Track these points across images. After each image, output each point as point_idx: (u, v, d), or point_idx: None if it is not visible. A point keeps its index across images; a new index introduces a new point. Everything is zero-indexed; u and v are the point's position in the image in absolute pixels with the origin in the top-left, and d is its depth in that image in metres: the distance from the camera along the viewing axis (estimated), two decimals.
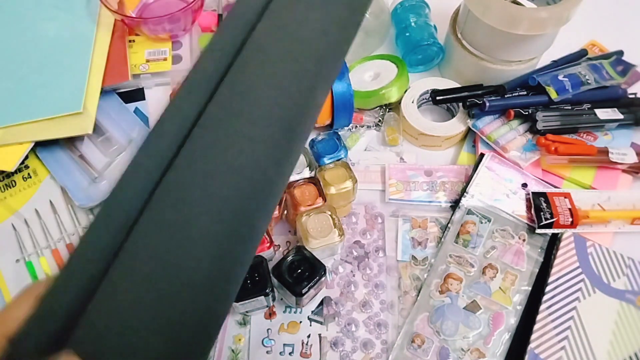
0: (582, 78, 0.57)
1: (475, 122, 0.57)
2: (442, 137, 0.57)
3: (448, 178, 0.55)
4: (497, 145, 0.56)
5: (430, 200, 0.54)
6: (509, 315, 0.47)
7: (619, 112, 0.56)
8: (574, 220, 0.50)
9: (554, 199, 0.51)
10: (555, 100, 0.55)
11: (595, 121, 0.56)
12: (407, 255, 0.51)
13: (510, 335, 0.46)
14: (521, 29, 0.51)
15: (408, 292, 0.49)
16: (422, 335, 0.46)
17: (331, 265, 0.51)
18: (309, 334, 0.47)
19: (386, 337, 0.47)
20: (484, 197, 0.53)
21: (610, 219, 0.52)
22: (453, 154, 0.59)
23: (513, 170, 0.55)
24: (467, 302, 0.48)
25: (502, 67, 0.58)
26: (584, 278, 0.48)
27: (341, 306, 0.49)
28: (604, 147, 0.54)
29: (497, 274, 0.49)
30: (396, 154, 0.58)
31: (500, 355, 0.45)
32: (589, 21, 0.65)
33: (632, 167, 0.54)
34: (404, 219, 0.53)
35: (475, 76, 0.59)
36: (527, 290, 0.48)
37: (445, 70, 0.64)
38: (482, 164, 0.55)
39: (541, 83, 0.55)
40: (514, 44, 0.55)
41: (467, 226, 0.51)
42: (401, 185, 0.55)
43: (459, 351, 0.45)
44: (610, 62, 0.59)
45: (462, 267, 0.49)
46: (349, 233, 0.53)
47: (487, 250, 0.50)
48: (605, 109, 0.57)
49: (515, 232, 0.51)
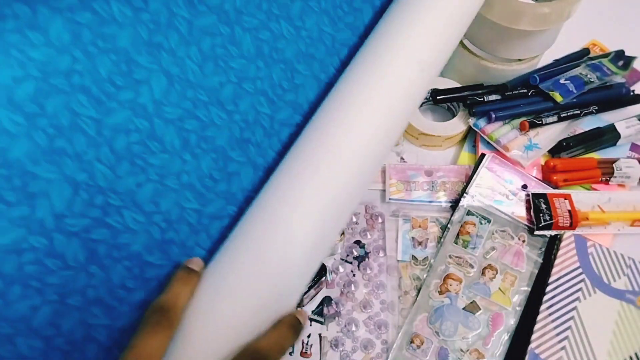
0: (585, 78, 0.56)
1: (477, 122, 0.57)
2: (442, 137, 0.57)
3: (448, 178, 0.55)
4: (498, 144, 0.56)
5: (431, 200, 0.54)
6: (509, 316, 0.47)
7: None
8: (573, 222, 0.50)
9: (554, 200, 0.51)
10: (561, 103, 0.55)
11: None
12: (407, 255, 0.51)
13: (510, 336, 0.46)
14: (523, 24, 0.51)
15: (408, 292, 0.49)
16: (421, 336, 0.46)
17: (331, 265, 0.51)
18: (309, 334, 0.48)
19: (386, 337, 0.47)
20: (483, 198, 0.53)
21: (610, 220, 0.51)
22: (453, 154, 0.59)
23: (513, 171, 0.55)
24: (466, 303, 0.48)
25: (502, 66, 0.58)
26: (585, 278, 0.48)
27: (341, 306, 0.49)
28: (608, 166, 0.55)
29: (496, 274, 0.49)
30: (396, 153, 0.58)
31: (500, 356, 0.45)
32: (590, 21, 0.65)
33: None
34: (404, 218, 0.53)
35: (475, 76, 0.59)
36: (526, 291, 0.48)
37: (446, 70, 0.64)
38: (483, 164, 0.55)
39: (544, 89, 0.55)
40: (515, 41, 0.55)
41: (467, 227, 0.51)
42: (401, 185, 0.55)
43: (458, 352, 0.45)
44: (610, 59, 0.59)
45: (461, 267, 0.49)
46: (349, 233, 0.53)
47: (487, 251, 0.50)
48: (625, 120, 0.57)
49: (515, 233, 0.51)
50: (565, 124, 0.57)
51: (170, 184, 0.35)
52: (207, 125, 0.37)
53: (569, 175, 0.54)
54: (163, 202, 0.34)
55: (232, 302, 0.34)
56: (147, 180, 0.33)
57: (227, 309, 0.33)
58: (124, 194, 0.32)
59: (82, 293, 0.31)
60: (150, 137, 0.33)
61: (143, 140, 0.33)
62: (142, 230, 0.33)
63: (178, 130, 0.35)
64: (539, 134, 0.56)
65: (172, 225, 0.35)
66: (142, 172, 0.33)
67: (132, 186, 0.32)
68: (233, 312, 0.33)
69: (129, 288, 0.33)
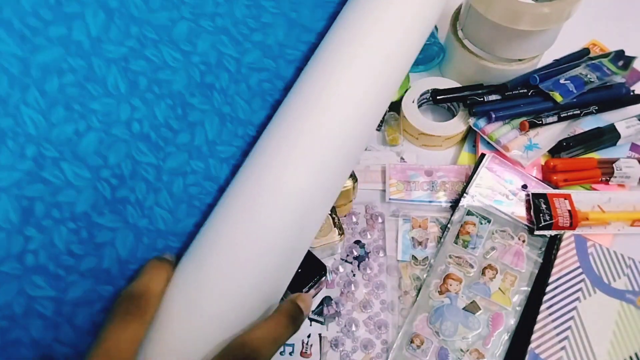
0: (585, 78, 0.56)
1: (477, 122, 0.57)
2: (442, 137, 0.57)
3: (448, 178, 0.55)
4: (498, 144, 0.56)
5: (431, 200, 0.54)
6: (509, 316, 0.47)
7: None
8: (573, 222, 0.50)
9: (554, 200, 0.51)
10: (561, 103, 0.55)
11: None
12: (407, 255, 0.51)
13: (510, 336, 0.46)
14: (523, 24, 0.51)
15: (408, 292, 0.49)
16: (421, 336, 0.46)
17: (331, 265, 0.51)
18: (309, 334, 0.48)
19: (386, 337, 0.47)
20: (483, 198, 0.53)
21: (610, 220, 0.51)
22: (453, 154, 0.59)
23: (513, 171, 0.55)
24: (466, 303, 0.48)
25: (502, 66, 0.58)
26: (585, 278, 0.48)
27: (341, 306, 0.49)
28: (608, 166, 0.54)
29: (496, 274, 0.49)
30: (396, 153, 0.58)
31: (499, 356, 0.45)
32: (590, 21, 0.65)
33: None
34: (405, 218, 0.53)
35: (476, 76, 0.59)
36: (526, 291, 0.48)
37: (446, 70, 0.64)
38: (483, 164, 0.55)
39: (544, 89, 0.55)
40: (515, 41, 0.55)
41: (467, 227, 0.51)
42: (401, 185, 0.55)
43: (458, 352, 0.45)
44: (610, 59, 0.59)
45: (461, 267, 0.49)
46: (349, 233, 0.53)
47: (487, 251, 0.50)
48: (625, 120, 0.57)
49: (515, 233, 0.51)
50: (565, 124, 0.57)
51: (117, 134, 0.30)
52: (158, 67, 0.32)
53: (569, 175, 0.54)
54: (111, 155, 0.30)
55: (214, 290, 0.30)
56: (88, 128, 0.29)
57: (208, 298, 0.30)
58: (60, 144, 0.28)
59: (19, 259, 0.27)
60: (88, 79, 0.29)
61: (79, 81, 0.29)
62: (87, 186, 0.29)
63: (122, 71, 0.31)
64: (539, 134, 0.56)
65: (125, 182, 0.31)
66: (82, 119, 0.29)
67: (71, 134, 0.28)
68: (216, 301, 0.30)
69: (77, 254, 0.29)
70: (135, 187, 0.31)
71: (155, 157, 0.32)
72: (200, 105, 0.35)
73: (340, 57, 0.37)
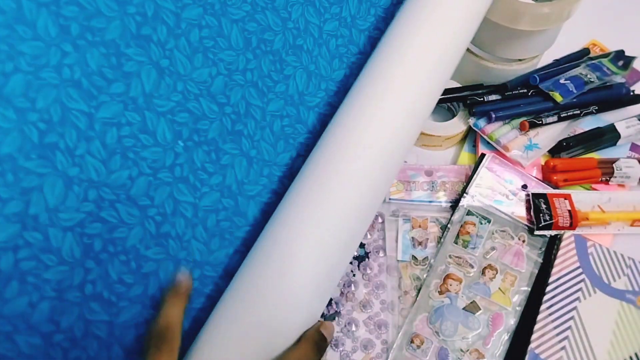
0: (585, 78, 0.57)
1: (477, 122, 0.57)
2: (442, 137, 0.57)
3: (448, 178, 0.55)
4: (498, 144, 0.56)
5: (431, 200, 0.54)
6: (509, 316, 0.47)
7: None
8: (573, 222, 0.50)
9: (554, 200, 0.51)
10: (561, 103, 0.55)
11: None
12: (407, 255, 0.51)
13: (510, 336, 0.46)
14: (523, 24, 0.51)
15: (408, 292, 0.49)
16: (421, 336, 0.46)
17: None
18: None
19: (386, 337, 0.47)
20: (483, 198, 0.53)
21: (610, 220, 0.51)
22: (453, 154, 0.59)
23: (513, 171, 0.55)
24: (466, 303, 0.48)
25: (502, 66, 0.58)
26: (585, 278, 0.48)
27: (341, 306, 0.49)
28: (608, 166, 0.54)
29: (496, 274, 0.49)
30: None
31: (499, 356, 0.45)
32: (590, 21, 0.65)
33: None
34: (404, 218, 0.53)
35: (475, 76, 0.59)
36: (526, 291, 0.48)
37: None
38: (483, 164, 0.55)
39: (544, 89, 0.55)
40: (515, 41, 0.55)
41: (467, 227, 0.51)
42: (401, 185, 0.55)
43: (458, 352, 0.45)
44: (610, 59, 0.59)
45: (461, 267, 0.49)
46: None
47: (487, 251, 0.50)
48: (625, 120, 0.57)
49: (515, 233, 0.51)
50: (565, 124, 0.57)
51: (163, 177, 0.35)
52: (198, 117, 0.37)
53: (569, 175, 0.54)
54: (157, 196, 0.35)
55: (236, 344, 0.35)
56: (139, 174, 0.33)
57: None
58: (117, 188, 0.32)
59: (80, 289, 0.31)
60: (141, 131, 0.33)
61: (134, 133, 0.33)
62: (137, 224, 0.34)
63: (169, 123, 0.35)
64: (539, 134, 0.56)
65: (167, 219, 0.35)
66: (135, 166, 0.33)
67: (125, 180, 0.33)
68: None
69: (127, 283, 0.33)
70: (176, 223, 0.36)
71: (192, 196, 0.37)
72: (231, 150, 0.40)
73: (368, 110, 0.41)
